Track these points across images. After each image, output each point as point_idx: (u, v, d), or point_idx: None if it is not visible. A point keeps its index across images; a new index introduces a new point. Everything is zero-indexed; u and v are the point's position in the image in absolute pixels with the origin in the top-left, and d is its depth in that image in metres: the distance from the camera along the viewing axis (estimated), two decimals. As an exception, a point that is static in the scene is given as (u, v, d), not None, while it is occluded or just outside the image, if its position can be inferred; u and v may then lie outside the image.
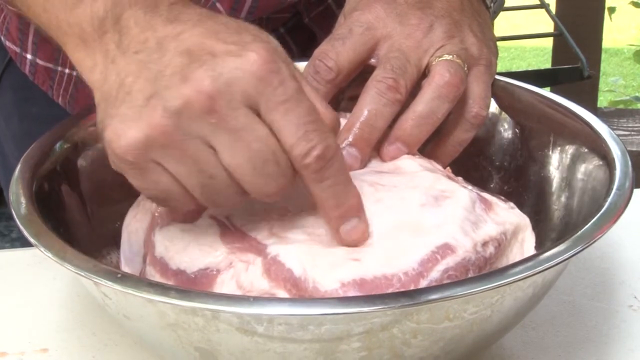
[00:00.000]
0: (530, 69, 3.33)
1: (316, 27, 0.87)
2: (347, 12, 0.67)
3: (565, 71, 1.77)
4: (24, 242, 0.56)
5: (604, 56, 2.49)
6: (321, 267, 0.52)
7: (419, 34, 0.64)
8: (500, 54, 0.70)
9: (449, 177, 0.61)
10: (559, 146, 0.67)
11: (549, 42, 2.35)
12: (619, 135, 0.63)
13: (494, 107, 0.70)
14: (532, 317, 0.63)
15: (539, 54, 3.72)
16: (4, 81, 0.92)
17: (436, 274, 0.52)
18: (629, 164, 0.60)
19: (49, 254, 0.53)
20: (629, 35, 3.82)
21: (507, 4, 0.86)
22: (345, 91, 0.66)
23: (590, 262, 0.71)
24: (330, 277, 0.51)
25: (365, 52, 0.64)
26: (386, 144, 0.62)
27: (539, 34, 2.14)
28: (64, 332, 0.65)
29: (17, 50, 0.88)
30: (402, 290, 0.51)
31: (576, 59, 1.71)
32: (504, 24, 3.32)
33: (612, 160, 0.60)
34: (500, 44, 0.70)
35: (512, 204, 0.60)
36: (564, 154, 0.66)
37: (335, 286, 0.51)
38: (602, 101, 2.89)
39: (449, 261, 0.53)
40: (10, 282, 0.71)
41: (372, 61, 0.64)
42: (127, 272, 0.60)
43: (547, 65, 2.63)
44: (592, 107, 2.09)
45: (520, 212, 0.60)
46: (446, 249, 0.53)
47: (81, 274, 0.51)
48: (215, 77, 0.49)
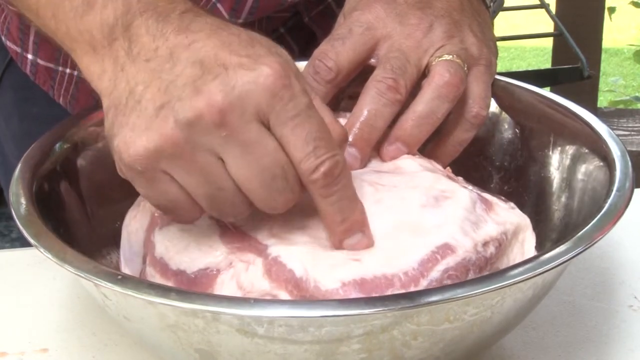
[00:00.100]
0: (530, 69, 3.33)
1: (316, 26, 0.87)
2: (347, 12, 0.66)
3: (565, 71, 1.77)
4: (24, 242, 0.56)
5: (604, 56, 2.49)
6: (322, 267, 0.52)
7: (418, 33, 0.64)
8: (500, 54, 0.70)
9: (449, 177, 0.61)
10: (559, 146, 0.67)
11: (549, 42, 2.35)
12: (619, 135, 0.63)
13: (494, 107, 0.70)
14: (533, 317, 0.63)
15: (539, 54, 3.72)
16: (4, 81, 0.92)
17: (436, 273, 0.52)
18: (629, 164, 0.60)
19: (49, 255, 0.53)
20: (629, 35, 3.82)
21: (507, 4, 0.86)
22: (345, 91, 0.66)
23: (590, 262, 0.71)
24: (331, 277, 0.52)
25: (365, 52, 0.64)
26: (386, 144, 0.62)
27: (539, 34, 2.14)
28: (64, 332, 0.65)
29: (18, 50, 0.88)
30: (402, 290, 0.51)
31: (576, 59, 1.71)
32: (504, 24, 3.32)
33: (612, 160, 0.60)
34: (500, 44, 0.70)
35: (512, 204, 0.60)
36: (564, 154, 0.66)
37: (335, 286, 0.51)
38: (602, 101, 2.89)
39: (449, 261, 0.53)
40: (10, 282, 0.71)
41: (372, 61, 0.64)
42: (127, 273, 0.60)
43: (547, 65, 2.63)
44: (592, 107, 2.09)
45: (520, 212, 0.60)
46: (446, 249, 0.53)
47: (81, 275, 0.51)
48: (227, 91, 0.49)
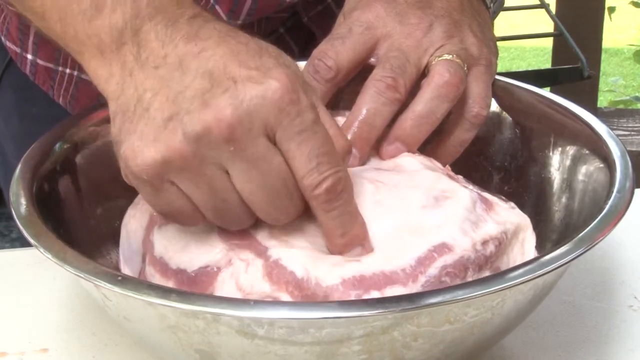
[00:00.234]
0: (530, 69, 3.33)
1: (315, 26, 0.86)
2: (347, 12, 0.66)
3: (565, 71, 1.77)
4: (24, 242, 0.56)
5: (604, 56, 2.50)
6: (323, 267, 0.52)
7: (418, 33, 0.64)
8: (500, 54, 0.69)
9: (449, 176, 0.61)
10: (559, 147, 0.67)
11: (549, 42, 2.35)
12: (618, 135, 0.63)
13: (494, 107, 0.70)
14: (533, 318, 0.63)
15: (539, 54, 3.72)
16: (4, 81, 0.92)
17: (434, 270, 0.52)
18: (629, 165, 0.60)
19: (49, 255, 0.53)
20: (629, 35, 3.82)
21: (507, 4, 0.86)
22: (344, 90, 0.66)
23: (590, 262, 0.71)
24: (331, 274, 0.52)
25: (364, 52, 0.64)
26: (385, 143, 0.62)
27: (539, 34, 2.14)
28: (64, 332, 0.65)
29: (18, 50, 0.87)
30: (401, 285, 0.51)
31: (576, 59, 1.72)
32: (504, 24, 3.33)
33: (613, 161, 0.60)
34: (500, 44, 0.70)
35: (512, 204, 0.60)
36: (564, 154, 0.66)
37: (336, 282, 0.51)
38: (602, 101, 2.89)
39: (447, 259, 0.53)
40: (10, 282, 0.71)
41: (372, 60, 0.64)
42: (126, 272, 0.60)
43: (547, 65, 2.63)
44: (592, 107, 2.09)
45: (520, 212, 0.60)
46: (443, 248, 0.53)
47: (81, 276, 0.51)
48: (236, 106, 0.49)
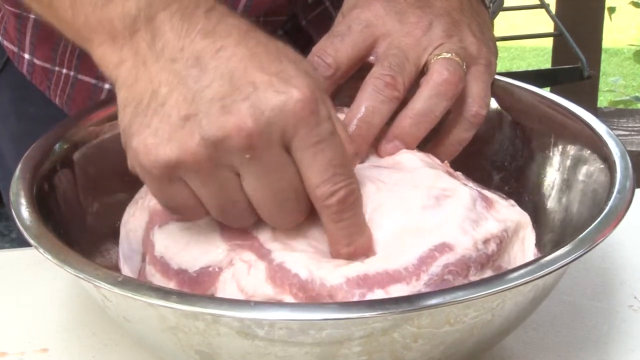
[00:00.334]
0: (530, 69, 3.33)
1: (313, 29, 0.86)
2: (346, 10, 0.66)
3: (565, 71, 1.77)
4: (24, 242, 0.56)
5: (604, 56, 2.49)
6: (326, 268, 0.53)
7: (418, 32, 0.64)
8: (500, 54, 0.69)
9: (449, 173, 0.61)
10: (560, 147, 0.67)
11: (549, 42, 2.35)
12: (618, 135, 0.63)
13: (494, 107, 0.70)
14: (533, 318, 0.63)
15: (539, 54, 3.72)
16: (1, 80, 0.92)
17: (436, 269, 0.53)
18: (629, 165, 0.60)
19: (49, 256, 0.52)
20: (629, 35, 3.82)
21: (507, 4, 0.86)
22: (343, 89, 0.66)
23: (590, 262, 0.71)
24: (335, 274, 0.52)
25: (364, 50, 0.64)
26: (384, 141, 0.62)
27: (539, 34, 2.14)
28: (64, 332, 0.65)
29: (15, 49, 0.87)
30: (404, 284, 0.52)
31: (576, 59, 1.72)
32: (504, 24, 3.33)
33: (613, 161, 0.60)
34: (500, 44, 0.70)
35: (512, 202, 0.60)
36: (564, 155, 0.66)
37: (340, 281, 0.52)
38: (602, 101, 2.89)
39: (449, 257, 0.53)
40: (10, 282, 0.71)
41: (371, 59, 0.64)
42: (126, 271, 0.60)
43: (547, 65, 2.63)
44: (592, 107, 2.09)
45: (520, 209, 0.60)
46: (444, 247, 0.53)
47: (81, 277, 0.51)
48: (257, 116, 0.49)
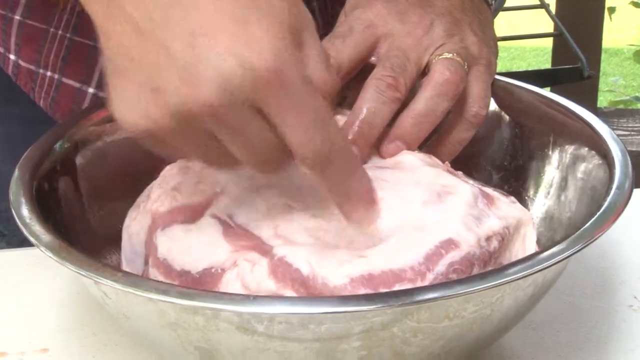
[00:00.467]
0: (530, 69, 3.34)
1: None
2: (348, 10, 0.67)
3: (565, 71, 1.77)
4: (24, 242, 0.56)
5: (604, 56, 2.50)
6: (329, 264, 0.52)
7: (419, 32, 0.64)
8: (500, 54, 0.70)
9: (450, 172, 0.61)
10: (559, 146, 0.67)
11: (549, 42, 2.35)
12: (619, 135, 0.63)
13: (494, 107, 0.70)
14: (532, 317, 0.63)
15: (539, 54, 3.72)
16: None
17: (442, 267, 0.52)
18: (629, 164, 0.60)
19: (50, 254, 0.53)
20: (629, 35, 3.82)
21: (507, 4, 0.86)
22: (345, 90, 0.66)
23: (590, 261, 0.71)
24: (338, 273, 0.52)
25: (365, 50, 0.64)
26: (386, 142, 0.62)
27: (539, 34, 2.14)
28: (64, 332, 0.65)
29: (1, 50, 0.87)
30: (410, 284, 0.51)
31: (576, 59, 1.72)
32: (504, 24, 3.33)
33: (612, 160, 0.60)
34: (500, 44, 0.70)
35: (513, 198, 0.60)
36: (564, 153, 0.66)
37: (344, 282, 0.51)
38: (602, 101, 2.89)
39: (454, 255, 0.53)
40: (10, 282, 0.71)
41: (373, 59, 0.64)
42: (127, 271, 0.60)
43: (547, 65, 2.63)
44: (592, 107, 2.09)
45: (521, 206, 0.60)
46: (450, 244, 0.53)
47: (81, 272, 0.51)
48: (219, 91, 0.48)
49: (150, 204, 0.60)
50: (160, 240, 0.57)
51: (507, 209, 0.58)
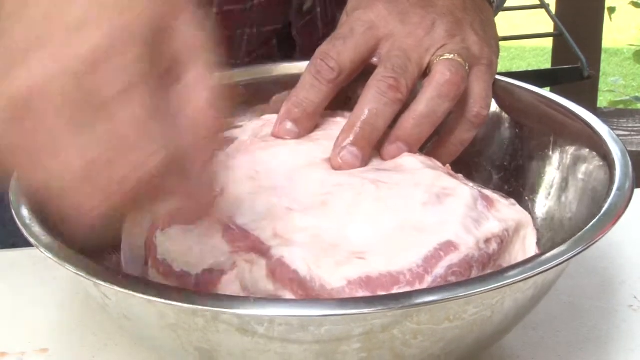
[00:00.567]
0: (530, 69, 3.34)
1: (300, 38, 0.87)
2: (350, 11, 0.67)
3: (565, 71, 1.78)
4: (24, 242, 0.56)
5: (604, 56, 2.50)
6: (326, 266, 0.52)
7: (420, 32, 0.64)
8: (500, 54, 0.69)
9: (450, 175, 0.61)
10: (559, 146, 0.67)
11: (549, 42, 2.35)
12: (619, 135, 0.63)
13: (495, 107, 0.70)
14: (532, 317, 0.63)
15: (539, 54, 3.72)
16: None
17: (441, 270, 0.52)
18: (629, 164, 0.60)
19: (49, 255, 0.53)
20: (629, 35, 3.82)
21: (507, 4, 0.86)
22: (347, 90, 0.66)
23: (590, 262, 0.71)
24: (336, 276, 0.51)
25: (366, 52, 0.64)
26: (387, 143, 0.62)
27: (539, 34, 2.15)
28: (64, 332, 0.65)
29: None
30: (408, 287, 0.51)
31: (576, 59, 1.72)
32: (504, 24, 3.32)
33: (613, 160, 0.60)
34: (500, 44, 0.70)
35: (513, 201, 0.60)
36: (564, 154, 0.66)
37: (341, 284, 0.51)
38: (602, 101, 2.90)
39: (453, 257, 0.53)
40: (10, 282, 0.71)
41: (374, 60, 0.64)
42: (127, 273, 0.60)
43: (547, 65, 2.63)
44: (592, 107, 2.09)
45: (521, 208, 0.60)
46: (449, 246, 0.53)
47: (81, 274, 0.51)
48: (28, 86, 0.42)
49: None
50: (159, 241, 0.57)
51: (507, 212, 0.58)
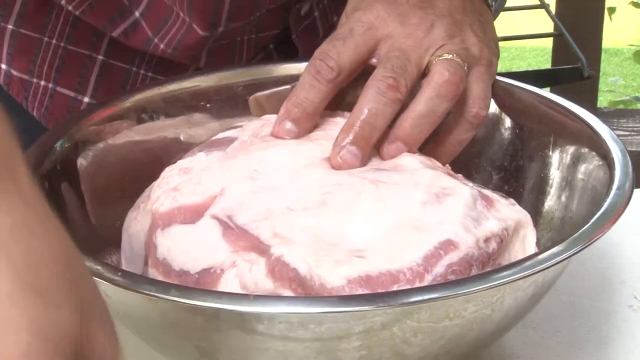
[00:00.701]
0: (530, 69, 3.34)
1: (300, 42, 0.87)
2: (349, 12, 0.67)
3: (565, 71, 1.77)
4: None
5: (604, 56, 2.49)
6: (326, 265, 0.52)
7: (419, 33, 0.64)
8: (500, 54, 0.70)
9: (449, 174, 0.61)
10: (559, 146, 0.67)
11: (549, 42, 2.35)
12: (619, 135, 0.63)
13: (494, 107, 0.70)
14: (532, 317, 0.63)
15: (539, 54, 3.72)
16: None
17: (440, 269, 0.52)
18: (629, 164, 0.60)
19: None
20: (629, 35, 3.82)
21: (507, 4, 0.86)
22: (346, 91, 0.66)
23: (590, 262, 0.71)
24: (336, 274, 0.51)
25: (366, 52, 0.64)
26: (386, 143, 0.62)
27: (539, 34, 2.14)
28: (64, 331, 0.65)
29: None
30: (407, 286, 0.51)
31: (576, 59, 1.72)
32: (504, 24, 3.32)
33: (612, 160, 0.60)
34: (500, 44, 0.70)
35: (512, 200, 0.60)
36: (564, 154, 0.67)
37: (341, 283, 0.51)
38: (602, 101, 2.89)
39: (452, 256, 0.53)
40: (10, 281, 0.71)
41: (373, 61, 0.64)
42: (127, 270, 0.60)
43: (547, 65, 2.63)
44: (592, 107, 2.09)
45: (521, 208, 0.60)
46: (449, 245, 0.53)
47: (82, 273, 0.51)
48: None
49: (150, 204, 0.60)
50: (159, 240, 0.57)
51: (506, 211, 0.58)
